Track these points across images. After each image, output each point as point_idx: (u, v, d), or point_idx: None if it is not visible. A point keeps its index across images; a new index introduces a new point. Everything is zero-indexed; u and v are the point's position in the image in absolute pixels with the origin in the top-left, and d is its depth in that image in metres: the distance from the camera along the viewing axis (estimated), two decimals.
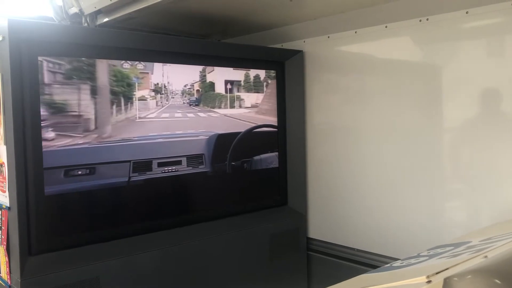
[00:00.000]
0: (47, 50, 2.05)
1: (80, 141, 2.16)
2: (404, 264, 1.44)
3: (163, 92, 2.51)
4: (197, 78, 2.67)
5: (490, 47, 2.23)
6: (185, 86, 2.62)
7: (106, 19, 2.76)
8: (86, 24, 2.76)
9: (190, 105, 2.61)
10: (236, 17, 2.86)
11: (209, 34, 3.35)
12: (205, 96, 2.67)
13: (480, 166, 2.24)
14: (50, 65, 2.07)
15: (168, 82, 2.53)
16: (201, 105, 2.65)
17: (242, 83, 2.84)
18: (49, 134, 2.06)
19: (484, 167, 2.22)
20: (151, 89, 2.46)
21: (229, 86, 2.80)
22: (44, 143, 2.03)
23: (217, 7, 2.66)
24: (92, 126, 2.20)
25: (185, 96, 2.60)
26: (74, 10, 2.74)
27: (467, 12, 2.21)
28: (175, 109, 2.56)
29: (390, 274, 1.37)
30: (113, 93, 2.27)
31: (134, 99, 2.37)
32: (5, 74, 1.95)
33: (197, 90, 2.66)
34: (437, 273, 1.03)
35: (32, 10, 2.92)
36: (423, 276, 1.01)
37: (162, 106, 2.50)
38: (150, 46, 2.44)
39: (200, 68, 2.63)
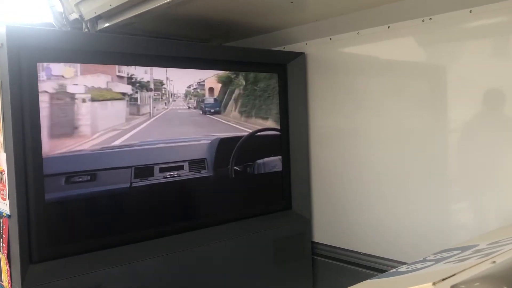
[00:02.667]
0: (47, 56, 2.03)
1: (81, 147, 2.14)
2: (410, 269, 1.40)
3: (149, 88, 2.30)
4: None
5: (495, 47, 2.19)
6: (189, 86, 2.45)
7: (106, 25, 2.75)
8: (86, 30, 2.75)
9: (205, 112, 2.38)
10: (237, 20, 2.85)
11: (210, 38, 3.33)
12: (247, 97, 2.33)
13: (487, 168, 2.20)
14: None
15: (167, 78, 2.31)
16: (231, 113, 2.30)
17: None
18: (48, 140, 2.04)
19: (491, 169, 2.18)
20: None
21: None
22: (44, 150, 2.02)
23: (218, 11, 2.64)
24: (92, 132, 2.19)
25: (191, 99, 2.35)
26: (74, 16, 2.74)
27: (470, 11, 2.18)
28: (178, 122, 2.36)
29: (395, 280, 1.34)
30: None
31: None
32: (4, 81, 1.94)
33: (211, 88, 2.32)
34: (443, 279, 1.00)
35: (32, 17, 2.92)
36: (429, 283, 0.98)
37: (150, 117, 2.25)
38: (151, 50, 2.42)
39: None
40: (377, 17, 2.54)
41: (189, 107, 2.46)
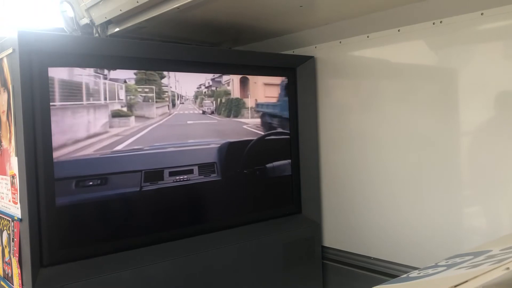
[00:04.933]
0: (58, 61, 2.05)
1: (91, 151, 2.15)
2: (421, 274, 1.39)
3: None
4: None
5: (507, 50, 2.17)
6: (198, 87, 2.43)
7: (117, 29, 2.77)
8: (97, 35, 2.77)
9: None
10: (246, 24, 2.85)
11: (220, 42, 3.34)
12: None
13: (499, 171, 2.17)
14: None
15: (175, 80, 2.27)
16: None
17: None
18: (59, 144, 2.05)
19: (504, 172, 2.16)
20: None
21: None
22: (54, 154, 2.03)
23: (228, 15, 2.64)
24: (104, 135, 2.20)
25: (204, 99, 2.37)
26: (85, 21, 2.77)
27: (482, 14, 2.16)
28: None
29: (406, 286, 1.32)
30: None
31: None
32: (16, 86, 1.96)
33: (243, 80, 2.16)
34: (455, 286, 0.98)
35: (43, 22, 2.95)
36: None
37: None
38: (161, 55, 2.43)
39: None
40: (387, 20, 2.53)
41: (203, 112, 2.48)
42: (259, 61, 2.83)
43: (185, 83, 2.47)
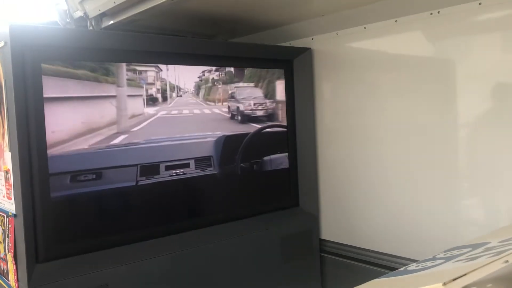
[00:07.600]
0: (51, 55, 2.02)
1: (86, 146, 2.13)
2: (419, 267, 1.38)
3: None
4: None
5: (505, 40, 2.15)
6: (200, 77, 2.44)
7: (111, 22, 2.74)
8: (91, 28, 2.74)
9: None
10: (242, 16, 2.82)
11: (215, 34, 3.31)
12: None
13: (498, 163, 2.16)
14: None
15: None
16: None
17: None
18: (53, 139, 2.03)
19: (502, 164, 2.15)
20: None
21: None
22: (49, 149, 2.01)
23: (223, 6, 2.61)
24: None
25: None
26: (78, 13, 2.73)
27: (480, 4, 2.13)
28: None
29: (404, 279, 1.31)
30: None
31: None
32: (8, 80, 1.93)
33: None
34: (454, 279, 0.97)
35: (36, 15, 2.91)
36: (439, 283, 0.95)
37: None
38: (156, 47, 2.40)
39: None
40: (384, 11, 2.50)
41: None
42: (255, 53, 2.80)
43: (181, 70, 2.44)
